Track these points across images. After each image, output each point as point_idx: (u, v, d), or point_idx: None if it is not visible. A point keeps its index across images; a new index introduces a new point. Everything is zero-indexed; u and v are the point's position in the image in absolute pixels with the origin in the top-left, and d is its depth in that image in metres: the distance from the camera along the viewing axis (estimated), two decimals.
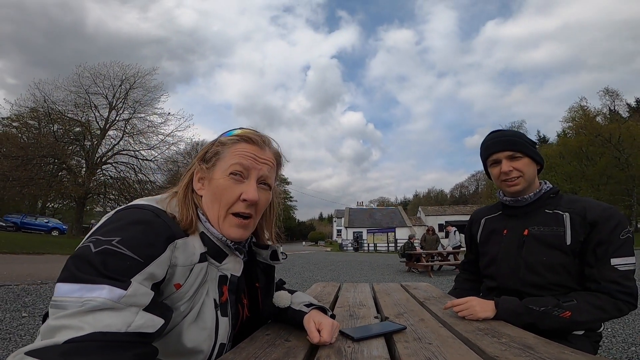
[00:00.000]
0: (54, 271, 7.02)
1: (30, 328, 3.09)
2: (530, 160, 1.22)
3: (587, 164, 28.28)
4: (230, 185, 0.76)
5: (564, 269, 1.12)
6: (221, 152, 0.79)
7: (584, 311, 1.02)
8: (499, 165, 1.24)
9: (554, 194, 1.23)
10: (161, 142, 22.29)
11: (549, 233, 1.16)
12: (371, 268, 11.27)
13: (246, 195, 0.75)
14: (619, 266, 1.03)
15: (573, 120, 30.84)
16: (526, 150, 1.21)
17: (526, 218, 1.24)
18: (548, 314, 1.03)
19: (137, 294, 0.53)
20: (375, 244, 33.52)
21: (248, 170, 0.77)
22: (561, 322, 1.02)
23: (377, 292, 1.62)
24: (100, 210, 25.13)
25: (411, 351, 0.74)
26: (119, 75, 21.92)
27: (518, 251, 1.22)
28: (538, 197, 1.23)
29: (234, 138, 0.80)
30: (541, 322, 1.03)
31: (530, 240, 1.20)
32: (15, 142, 19.14)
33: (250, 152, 0.79)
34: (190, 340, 0.66)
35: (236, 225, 0.77)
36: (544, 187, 1.24)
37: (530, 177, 1.22)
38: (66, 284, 0.52)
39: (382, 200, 77.65)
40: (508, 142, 1.23)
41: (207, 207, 0.77)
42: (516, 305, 1.06)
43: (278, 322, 0.98)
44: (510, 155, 1.22)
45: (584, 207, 1.13)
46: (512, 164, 1.21)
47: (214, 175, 0.77)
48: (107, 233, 0.59)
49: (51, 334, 0.48)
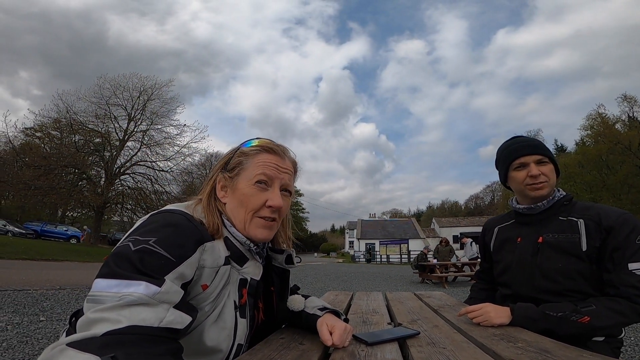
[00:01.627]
0: (71, 277, 7.20)
1: (47, 332, 3.16)
2: (553, 168, 1.24)
3: (607, 173, 27.39)
4: (256, 193, 0.80)
5: (580, 275, 1.11)
6: (245, 162, 0.83)
7: (603, 316, 1.00)
8: (526, 169, 1.23)
9: (567, 201, 1.22)
10: (177, 154, 22.82)
11: (564, 240, 1.15)
12: (384, 279, 11.11)
13: (271, 202, 0.80)
14: (636, 271, 1.01)
15: (591, 128, 29.98)
16: (552, 157, 1.24)
17: (540, 225, 1.24)
18: (566, 319, 1.01)
19: (170, 292, 0.56)
20: (388, 255, 33.09)
21: (272, 180, 0.82)
22: (579, 327, 1.00)
23: (390, 300, 1.61)
24: (118, 219, 25.71)
25: (425, 355, 0.74)
26: (138, 87, 22.67)
27: (533, 258, 1.21)
28: (551, 204, 1.22)
29: (256, 149, 0.84)
30: (559, 327, 1.01)
31: (545, 248, 1.19)
32: (38, 152, 19.88)
33: (272, 162, 0.83)
34: (211, 339, 0.69)
35: (262, 226, 0.81)
36: (557, 194, 1.24)
37: (553, 183, 1.23)
38: (105, 279, 0.55)
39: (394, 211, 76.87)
40: (537, 147, 1.24)
41: (233, 212, 0.81)
42: (533, 312, 1.04)
43: (292, 327, 0.99)
44: (539, 159, 1.22)
45: (599, 213, 1.12)
46: (540, 168, 1.21)
47: (239, 184, 0.82)
48: (144, 234, 0.63)
49: (89, 326, 0.50)
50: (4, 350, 2.57)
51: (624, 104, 29.43)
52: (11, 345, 2.68)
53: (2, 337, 2.86)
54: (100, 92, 21.62)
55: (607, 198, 26.37)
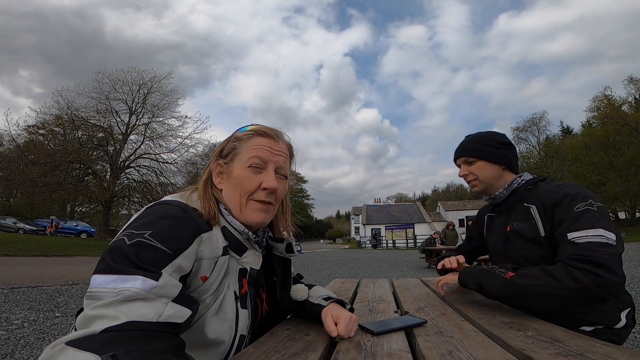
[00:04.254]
0: (84, 272, 7.32)
1: (63, 327, 3.22)
2: (486, 163, 1.26)
3: (614, 154, 27.13)
4: (250, 175, 0.80)
5: (544, 260, 1.07)
6: (238, 147, 0.83)
7: (530, 276, 0.94)
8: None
9: (531, 186, 1.20)
10: (180, 145, 22.82)
11: (526, 227, 1.15)
12: (390, 265, 11.18)
13: (266, 184, 0.79)
14: (575, 239, 0.93)
15: (598, 110, 29.64)
16: (479, 154, 1.27)
17: (508, 214, 1.26)
18: (492, 272, 1.02)
19: (168, 285, 0.55)
20: (394, 240, 33.22)
21: (265, 162, 0.81)
22: (503, 283, 0.98)
23: (397, 287, 1.61)
24: (126, 212, 26.00)
25: (432, 345, 0.73)
26: (137, 81, 22.51)
27: (505, 247, 1.24)
28: (511, 191, 1.23)
29: (249, 133, 0.84)
30: (487, 282, 1.03)
31: (512, 236, 1.21)
32: (42, 149, 19.95)
33: (266, 145, 0.83)
34: (213, 331, 0.68)
35: (258, 210, 0.80)
36: (518, 180, 1.24)
37: (486, 178, 1.26)
38: (101, 275, 0.54)
39: (399, 196, 76.85)
40: (462, 150, 1.33)
41: (228, 197, 0.81)
42: (475, 269, 1.12)
43: (298, 317, 0.99)
44: (464, 160, 1.31)
45: (545, 194, 1.11)
46: (468, 168, 1.30)
47: (233, 169, 0.81)
48: (139, 227, 0.61)
49: (87, 323, 0.49)
50: (22, 347, 2.62)
51: (630, 86, 29.14)
52: (29, 343, 2.73)
53: (19, 335, 2.91)
54: (100, 87, 21.54)
55: (615, 179, 26.25)
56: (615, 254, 0.88)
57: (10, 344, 2.67)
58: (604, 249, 0.88)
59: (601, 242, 0.89)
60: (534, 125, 32.30)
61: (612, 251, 0.88)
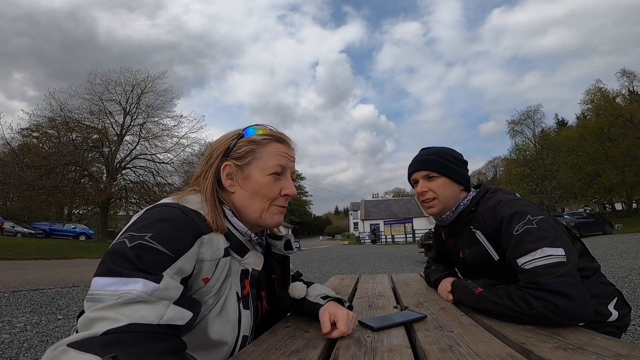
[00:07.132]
0: (84, 274, 7.31)
1: (66, 330, 3.21)
2: (449, 181, 1.14)
3: (609, 146, 27.29)
4: (272, 183, 0.81)
5: (507, 282, 0.98)
6: (257, 151, 0.81)
7: (496, 294, 0.91)
8: (417, 185, 1.19)
9: (474, 207, 1.12)
10: (176, 145, 22.68)
11: (478, 252, 1.08)
12: (390, 260, 11.22)
13: (288, 191, 0.83)
14: (525, 265, 0.88)
15: (592, 102, 29.79)
16: (443, 170, 1.14)
17: (458, 238, 1.18)
18: (466, 286, 1.04)
19: (169, 288, 0.55)
20: (392, 235, 33.34)
21: (285, 169, 0.84)
22: (473, 298, 0.98)
23: (396, 282, 1.61)
24: (124, 214, 25.89)
25: (432, 339, 0.73)
26: (130, 81, 22.25)
27: (463, 271, 1.22)
28: (457, 214, 1.15)
29: (267, 137, 0.83)
30: (463, 295, 1.05)
31: (465, 264, 1.17)
32: (37, 152, 19.78)
33: (285, 152, 0.85)
34: (216, 332, 0.68)
35: (278, 213, 0.84)
36: (464, 201, 1.15)
37: (446, 198, 1.14)
38: (102, 277, 0.54)
39: (398, 190, 76.82)
40: (423, 162, 1.17)
41: (244, 203, 0.80)
42: (456, 282, 1.13)
43: (298, 314, 0.99)
44: (426, 175, 1.16)
45: (485, 218, 1.04)
46: (428, 184, 1.16)
47: (252, 174, 0.80)
48: (139, 229, 0.61)
49: (89, 325, 0.49)
50: (26, 350, 2.61)
51: (623, 79, 29.38)
52: (32, 345, 2.72)
53: (22, 338, 2.91)
54: (92, 88, 21.26)
55: (610, 170, 26.43)
56: (567, 273, 0.82)
57: (14, 347, 2.67)
58: (554, 270, 0.83)
59: (549, 263, 0.84)
60: (529, 118, 32.33)
61: (563, 271, 0.82)
